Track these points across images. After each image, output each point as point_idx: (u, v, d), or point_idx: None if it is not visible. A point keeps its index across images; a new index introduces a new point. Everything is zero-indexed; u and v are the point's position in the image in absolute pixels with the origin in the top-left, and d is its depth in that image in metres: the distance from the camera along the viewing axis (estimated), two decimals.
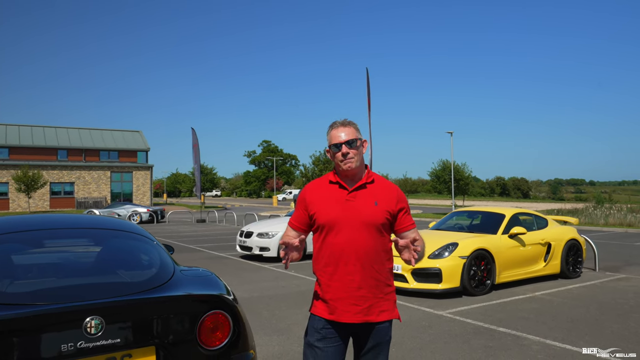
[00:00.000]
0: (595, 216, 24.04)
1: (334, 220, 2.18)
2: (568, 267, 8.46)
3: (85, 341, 2.01)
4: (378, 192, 2.23)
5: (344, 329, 2.20)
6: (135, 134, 48.72)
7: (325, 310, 2.19)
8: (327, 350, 2.17)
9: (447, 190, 37.55)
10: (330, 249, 2.18)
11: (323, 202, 2.23)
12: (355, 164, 2.21)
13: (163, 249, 3.01)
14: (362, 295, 2.14)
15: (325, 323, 2.19)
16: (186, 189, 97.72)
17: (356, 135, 2.24)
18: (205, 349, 2.34)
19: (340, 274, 2.15)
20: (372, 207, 2.18)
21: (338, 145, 2.22)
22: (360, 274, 2.14)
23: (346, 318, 2.14)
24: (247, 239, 11.08)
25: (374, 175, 2.31)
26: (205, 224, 24.02)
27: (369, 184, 2.25)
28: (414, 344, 4.80)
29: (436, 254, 7.03)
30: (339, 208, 2.19)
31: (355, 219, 2.16)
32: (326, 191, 2.26)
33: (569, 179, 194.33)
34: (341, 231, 2.16)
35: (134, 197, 43.94)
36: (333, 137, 2.24)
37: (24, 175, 33.60)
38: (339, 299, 2.15)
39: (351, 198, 2.20)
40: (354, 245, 2.14)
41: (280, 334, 5.16)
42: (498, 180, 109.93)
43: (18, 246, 2.68)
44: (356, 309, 2.14)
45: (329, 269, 2.18)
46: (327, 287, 2.19)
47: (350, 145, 2.21)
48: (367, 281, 2.15)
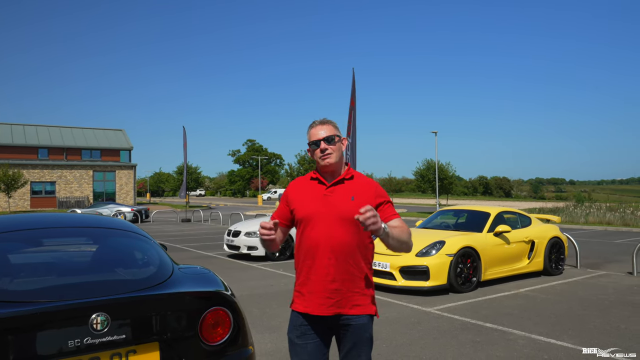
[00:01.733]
0: (575, 215, 24.54)
1: (311, 215, 2.23)
2: (551, 265, 8.67)
3: (92, 337, 2.05)
4: (356, 188, 2.28)
5: (319, 324, 2.22)
6: (118, 133, 48.14)
7: (302, 304, 2.24)
8: (306, 347, 2.22)
9: (431, 190, 37.93)
10: (308, 243, 2.23)
11: (302, 197, 2.30)
12: (333, 160, 2.28)
13: (160, 248, 3.05)
14: (336, 289, 2.18)
15: (303, 319, 2.24)
16: (170, 189, 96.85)
17: (334, 132, 2.32)
18: (206, 344, 2.39)
19: (317, 267, 2.20)
20: (348, 202, 2.22)
21: (317, 142, 2.29)
22: (335, 268, 2.18)
23: (319, 311, 2.18)
24: (234, 238, 11.09)
25: (354, 172, 2.36)
26: (190, 224, 23.89)
27: (348, 179, 2.30)
28: (404, 339, 4.90)
29: (424, 252, 7.14)
30: (316, 203, 2.25)
31: (331, 213, 2.21)
32: (307, 187, 2.33)
33: (550, 178, 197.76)
34: (318, 225, 2.21)
35: (117, 196, 43.42)
36: (312, 135, 2.31)
37: (4, 174, 32.98)
38: (314, 291, 2.20)
39: (329, 193, 2.25)
40: (329, 239, 2.18)
41: (272, 331, 5.22)
42: (481, 179, 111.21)
43: (18, 245, 2.69)
44: (329, 302, 2.18)
45: (308, 262, 2.23)
46: (306, 279, 2.24)
47: (328, 141, 2.28)
48: (341, 275, 2.18)
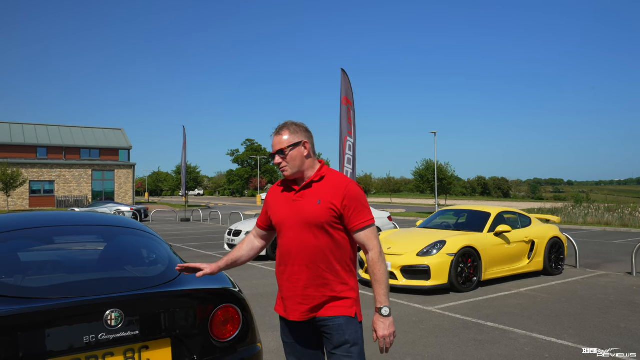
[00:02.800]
0: (574, 215, 24.62)
1: (282, 221, 2.23)
2: (551, 264, 8.72)
3: (106, 333, 2.09)
4: (323, 190, 2.19)
5: (299, 327, 2.25)
6: (117, 132, 48.11)
7: (280, 308, 2.28)
8: (296, 346, 2.27)
9: (430, 190, 37.99)
10: (281, 250, 2.25)
11: (276, 203, 2.30)
12: (290, 172, 2.22)
13: (169, 246, 3.09)
14: (309, 295, 2.16)
15: (284, 322, 2.30)
16: (168, 188, 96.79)
17: (289, 142, 2.21)
18: (217, 341, 2.43)
19: (289, 274, 2.21)
20: (314, 205, 2.16)
21: (273, 155, 2.26)
22: (306, 274, 2.16)
23: (294, 317, 2.19)
24: (235, 237, 11.13)
25: (326, 172, 2.26)
26: (190, 223, 23.91)
27: (316, 182, 2.22)
28: (406, 338, 4.94)
29: (424, 251, 7.19)
30: (285, 209, 2.23)
31: (298, 219, 2.18)
32: (279, 193, 2.32)
33: (548, 178, 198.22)
34: (288, 232, 2.20)
35: (116, 195, 43.40)
36: (272, 145, 2.27)
37: (3, 173, 32.90)
38: (288, 297, 2.22)
39: (298, 198, 2.22)
40: (298, 245, 2.17)
41: (274, 330, 5.26)
42: (479, 179, 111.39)
43: (31, 243, 2.73)
44: (303, 308, 2.17)
45: (281, 269, 2.25)
46: (281, 286, 2.27)
47: (281, 154, 2.22)
48: (313, 280, 2.16)
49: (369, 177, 74.64)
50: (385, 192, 75.07)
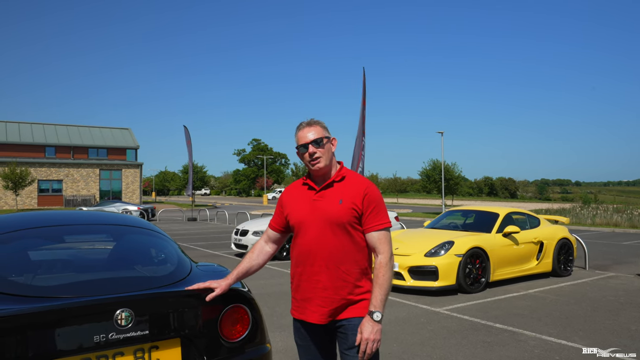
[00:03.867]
0: (582, 216, 24.45)
1: (301, 221, 2.20)
2: (560, 266, 8.65)
3: (116, 333, 2.08)
4: (345, 190, 2.19)
5: (315, 329, 2.22)
6: (124, 132, 48.36)
7: (297, 310, 2.25)
8: (310, 348, 2.25)
9: (436, 190, 37.88)
10: (299, 250, 2.21)
11: (294, 203, 2.27)
12: (323, 163, 2.19)
13: (178, 246, 3.09)
14: (328, 296, 2.14)
15: (300, 324, 2.26)
16: (175, 187, 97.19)
17: (323, 134, 2.22)
18: (226, 341, 2.42)
19: (308, 275, 2.18)
20: (336, 205, 2.15)
21: (305, 145, 2.20)
22: (326, 274, 2.14)
23: (313, 319, 2.17)
24: (242, 237, 11.14)
25: (346, 172, 2.26)
26: (196, 223, 23.98)
27: (338, 182, 2.22)
28: (415, 339, 4.91)
29: (432, 252, 7.16)
30: (306, 209, 2.21)
31: (320, 218, 2.16)
32: (299, 193, 2.29)
33: (555, 179, 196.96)
34: (308, 231, 2.17)
35: (123, 195, 43.63)
36: (300, 138, 2.22)
37: (12, 172, 33.20)
38: (306, 299, 2.19)
39: (318, 198, 2.20)
40: (319, 245, 2.14)
41: (282, 330, 5.25)
42: (486, 180, 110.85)
43: (40, 241, 2.73)
44: (322, 310, 2.15)
45: (299, 269, 2.21)
46: (297, 287, 2.23)
47: (317, 144, 2.19)
48: (333, 282, 2.13)
49: (375, 177, 74.53)
50: (392, 192, 74.91)
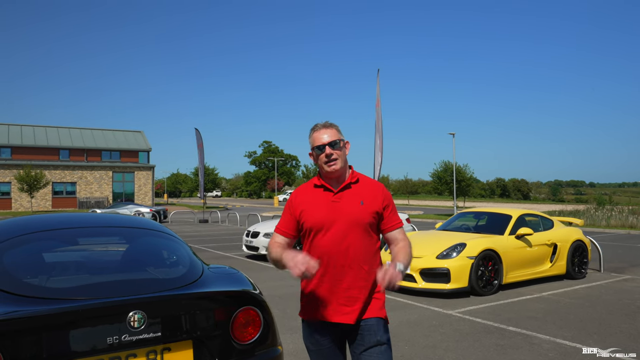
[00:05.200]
0: (596, 218, 24.12)
1: (321, 222, 2.19)
2: (574, 268, 8.55)
3: (129, 334, 2.10)
4: (363, 191, 2.23)
5: (332, 330, 2.22)
6: (137, 134, 48.79)
7: (316, 311, 2.22)
8: (322, 352, 2.24)
9: (448, 191, 37.65)
10: (319, 251, 2.19)
11: (309, 205, 2.24)
12: (339, 165, 2.21)
13: (189, 248, 3.10)
14: (351, 296, 2.16)
15: (316, 326, 2.24)
16: (187, 189, 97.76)
17: (339, 137, 2.25)
18: (238, 343, 2.42)
19: (330, 275, 2.18)
20: (358, 206, 2.18)
21: (321, 147, 2.21)
22: (349, 275, 2.16)
23: (336, 318, 2.17)
24: (253, 239, 11.17)
25: (359, 175, 2.31)
26: (208, 224, 24.10)
27: (354, 183, 2.25)
28: (426, 342, 4.88)
29: (444, 254, 7.11)
30: (325, 210, 2.20)
31: (341, 219, 2.17)
32: (312, 195, 2.27)
33: (569, 180, 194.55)
34: (329, 232, 2.18)
35: (136, 197, 43.99)
36: (315, 140, 2.24)
37: (27, 175, 33.65)
38: (329, 299, 2.19)
39: (337, 199, 2.21)
40: (342, 245, 2.15)
41: (293, 332, 5.25)
42: (498, 181, 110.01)
43: (54, 243, 2.77)
44: (345, 310, 2.16)
45: (320, 270, 2.17)
46: (318, 288, 2.22)
47: (333, 146, 2.21)
48: (356, 282, 2.16)
49: (386, 179, 74.35)
50: (403, 194, 74.70)
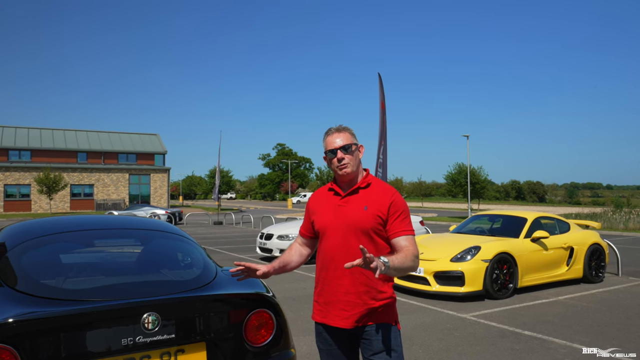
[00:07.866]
0: (614, 220, 23.72)
1: (326, 226, 2.24)
2: (591, 272, 8.41)
3: (143, 336, 2.13)
4: (370, 197, 2.22)
5: (338, 333, 2.24)
6: (152, 137, 49.34)
7: (320, 314, 2.26)
8: (332, 352, 2.26)
9: (462, 194, 37.32)
10: (323, 254, 2.25)
11: (320, 209, 2.31)
12: (351, 169, 2.24)
13: (203, 250, 3.13)
14: (350, 301, 2.16)
15: (322, 329, 2.28)
16: (201, 192, 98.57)
17: (351, 141, 2.26)
18: (251, 346, 2.44)
19: (331, 279, 2.21)
20: (360, 211, 2.18)
21: (334, 151, 2.24)
22: (349, 279, 2.16)
23: (336, 322, 2.19)
24: (267, 241, 11.21)
25: (372, 180, 2.30)
26: (222, 226, 24.25)
27: (363, 188, 2.25)
28: (440, 345, 4.85)
29: (458, 257, 7.06)
30: (331, 214, 2.25)
31: (344, 224, 2.19)
32: (324, 198, 2.33)
33: (586, 182, 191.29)
34: (332, 236, 2.21)
35: (152, 199, 44.48)
36: (328, 144, 2.26)
37: (46, 177, 34.24)
38: (329, 303, 2.21)
39: (343, 203, 2.24)
40: (343, 250, 2.17)
41: (306, 334, 5.26)
42: (513, 183, 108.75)
43: (71, 245, 2.82)
44: (344, 314, 2.17)
45: (323, 274, 2.25)
46: (321, 290, 2.26)
47: (345, 150, 2.23)
48: (356, 287, 2.16)
49: (399, 181, 74.01)
50: (417, 196, 74.25)
